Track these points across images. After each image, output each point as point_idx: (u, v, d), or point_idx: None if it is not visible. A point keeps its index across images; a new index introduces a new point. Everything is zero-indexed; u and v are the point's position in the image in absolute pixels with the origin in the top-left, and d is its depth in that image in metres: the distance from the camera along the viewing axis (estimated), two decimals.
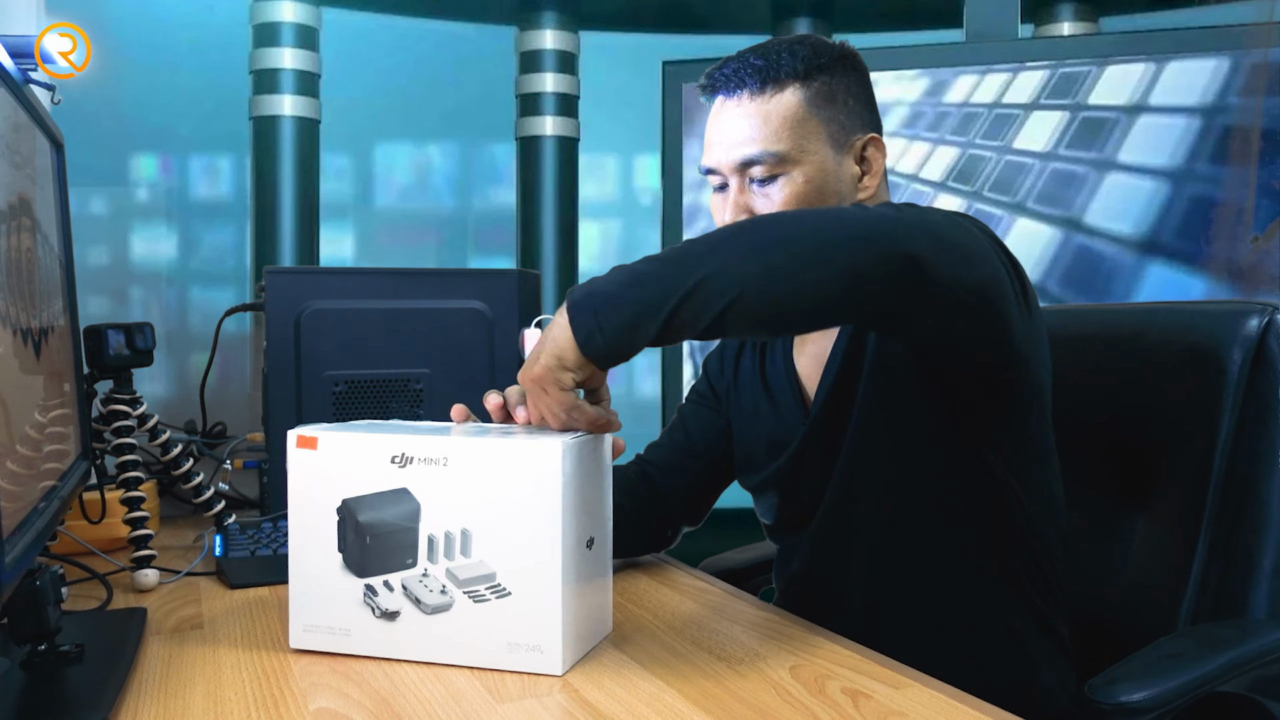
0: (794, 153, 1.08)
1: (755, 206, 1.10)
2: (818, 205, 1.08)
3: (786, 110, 1.09)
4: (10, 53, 0.90)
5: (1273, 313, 1.12)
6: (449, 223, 2.68)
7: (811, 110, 1.09)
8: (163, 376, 2.17)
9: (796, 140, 1.08)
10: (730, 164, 1.11)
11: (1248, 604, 1.10)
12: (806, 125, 1.09)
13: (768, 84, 1.09)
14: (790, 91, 1.09)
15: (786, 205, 1.08)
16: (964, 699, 0.83)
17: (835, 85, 1.11)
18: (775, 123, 1.08)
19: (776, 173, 1.09)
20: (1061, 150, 2.16)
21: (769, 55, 1.09)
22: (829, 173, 1.10)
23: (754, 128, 1.09)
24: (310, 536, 0.93)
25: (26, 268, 0.90)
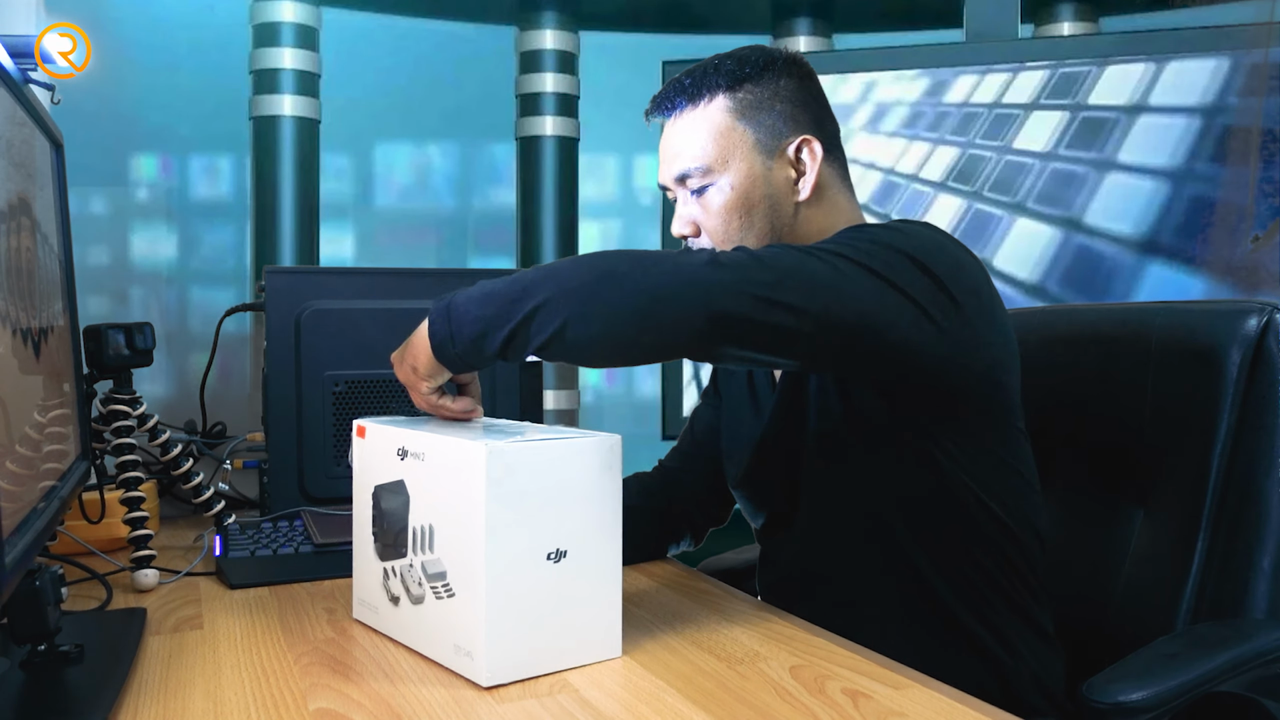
0: (718, 163, 1.13)
1: (695, 216, 1.15)
2: (750, 210, 1.13)
3: (710, 123, 1.13)
4: (10, 53, 0.90)
5: (1272, 312, 1.12)
6: (449, 223, 2.68)
7: (735, 119, 1.13)
8: (163, 376, 2.17)
9: (720, 150, 1.13)
10: (669, 179, 1.16)
11: (1247, 604, 1.10)
12: (731, 135, 1.13)
13: (693, 100, 1.14)
14: (714, 104, 1.13)
15: (719, 213, 1.13)
16: (964, 699, 0.83)
17: (762, 92, 1.13)
18: (700, 136, 1.13)
19: (706, 183, 1.13)
20: (1061, 150, 2.16)
21: (695, 73, 1.15)
22: (756, 179, 1.13)
23: (683, 143, 1.14)
24: (362, 518, 1.01)
25: (26, 268, 0.90)
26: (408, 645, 0.94)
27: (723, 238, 1.14)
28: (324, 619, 1.05)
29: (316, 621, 1.04)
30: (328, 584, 1.19)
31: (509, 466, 0.85)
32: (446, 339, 0.94)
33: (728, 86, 1.13)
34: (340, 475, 1.50)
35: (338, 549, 1.29)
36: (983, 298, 1.05)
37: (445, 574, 0.88)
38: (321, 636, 1.00)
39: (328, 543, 1.30)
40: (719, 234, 1.14)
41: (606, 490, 0.90)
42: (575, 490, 0.89)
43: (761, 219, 1.13)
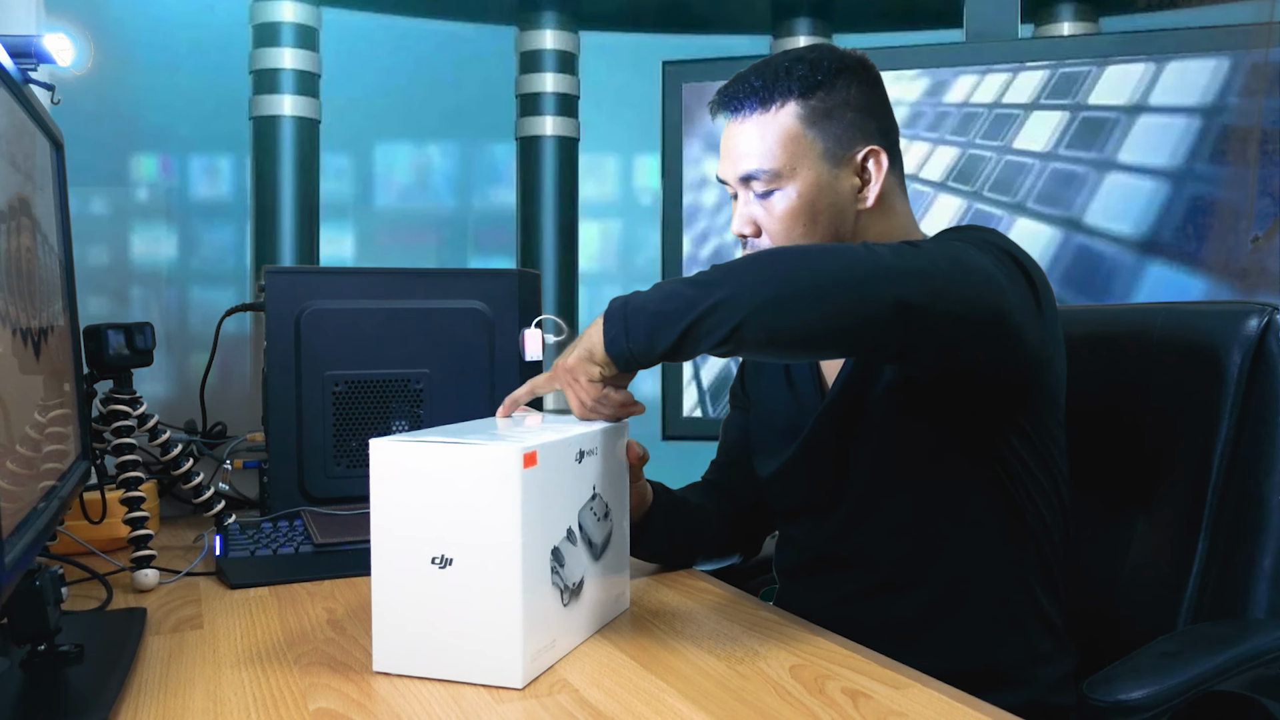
0: (786, 170, 1.13)
1: (757, 217, 1.16)
2: (814, 218, 1.13)
3: (781, 129, 1.13)
4: (10, 53, 0.90)
5: (1272, 313, 1.12)
6: (449, 223, 2.68)
7: (806, 127, 1.13)
8: (163, 376, 2.17)
9: (789, 158, 1.13)
10: (734, 177, 1.16)
11: (1247, 603, 1.10)
12: (800, 142, 1.13)
13: (766, 103, 1.14)
14: (787, 110, 1.13)
15: (784, 218, 1.13)
16: (964, 699, 0.83)
17: (832, 100, 1.14)
18: (770, 141, 1.13)
19: (772, 187, 1.14)
20: (1061, 150, 2.16)
21: (767, 75, 1.14)
22: (823, 188, 1.13)
23: (751, 145, 1.14)
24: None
25: (26, 268, 0.90)
26: None
27: (784, 241, 1.14)
28: (324, 619, 1.05)
29: (316, 621, 1.04)
30: (328, 584, 1.19)
31: (391, 463, 0.87)
32: (620, 334, 0.96)
33: (800, 93, 1.13)
34: (340, 475, 1.50)
35: (338, 549, 1.30)
36: (1052, 299, 1.09)
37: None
38: (321, 636, 1.00)
39: (328, 543, 1.30)
40: (780, 237, 1.14)
41: (504, 502, 0.85)
42: (463, 498, 0.86)
43: (825, 226, 1.14)
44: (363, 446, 1.51)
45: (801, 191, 1.13)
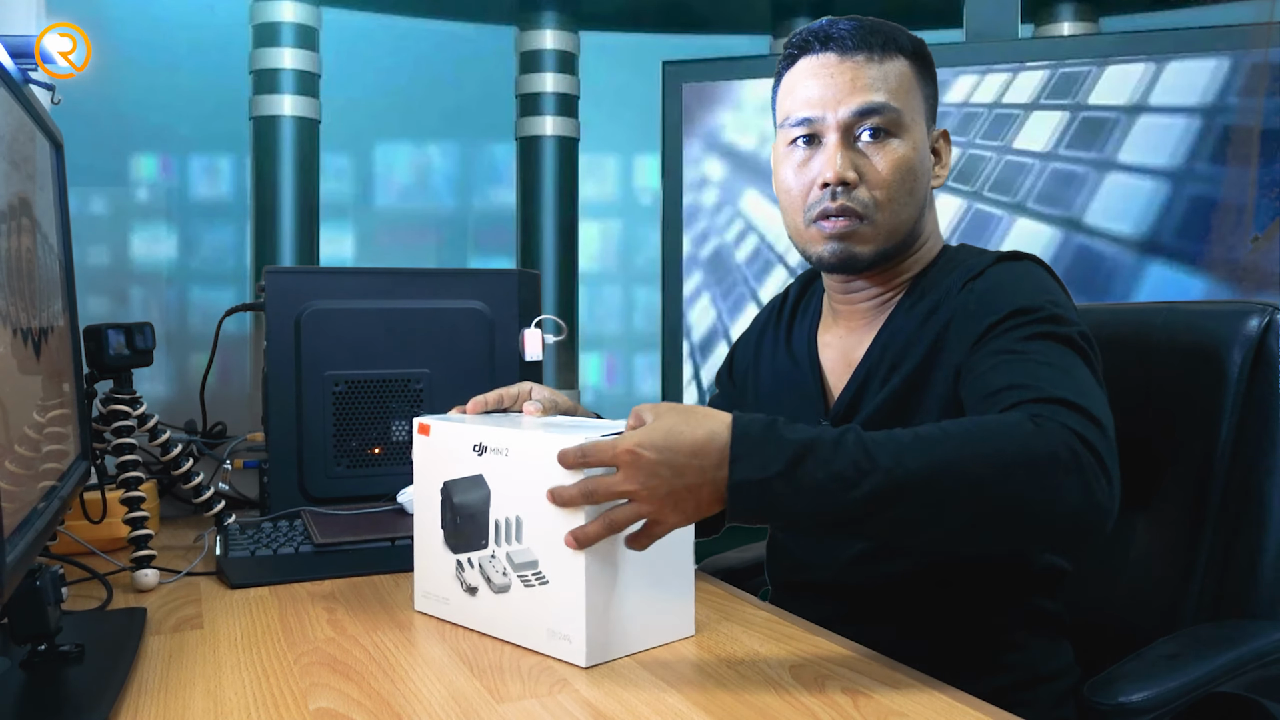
0: (907, 117, 1.08)
1: (861, 164, 1.07)
2: (918, 177, 1.09)
3: (902, 76, 1.09)
4: (10, 53, 0.90)
5: (1273, 313, 1.12)
6: (449, 223, 2.68)
7: (919, 84, 1.11)
8: (163, 376, 2.17)
9: (911, 106, 1.09)
10: (846, 112, 1.07)
11: (1249, 604, 1.10)
12: (915, 97, 1.10)
13: (887, 49, 1.08)
14: (903, 61, 1.09)
15: (900, 167, 1.07)
16: (964, 699, 0.83)
17: (928, 71, 1.12)
18: (894, 83, 1.08)
19: (892, 129, 1.07)
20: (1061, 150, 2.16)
21: (882, 25, 1.10)
22: (923, 151, 1.11)
23: (876, 81, 1.07)
24: (426, 513, 1.04)
25: (26, 268, 0.90)
26: (487, 633, 0.98)
27: (888, 196, 1.07)
28: (324, 619, 1.05)
29: (316, 621, 1.04)
30: (328, 584, 1.19)
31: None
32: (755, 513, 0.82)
33: (912, 51, 1.10)
34: (340, 475, 1.50)
35: (338, 549, 1.29)
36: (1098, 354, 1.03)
37: (536, 563, 0.92)
38: (321, 636, 1.00)
39: (328, 543, 1.30)
40: (888, 189, 1.07)
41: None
42: None
43: (921, 190, 1.10)
44: (363, 446, 1.51)
45: (915, 146, 1.08)
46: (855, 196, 1.07)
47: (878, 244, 1.09)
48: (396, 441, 1.53)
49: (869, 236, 1.08)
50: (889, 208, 1.08)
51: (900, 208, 1.08)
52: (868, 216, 1.08)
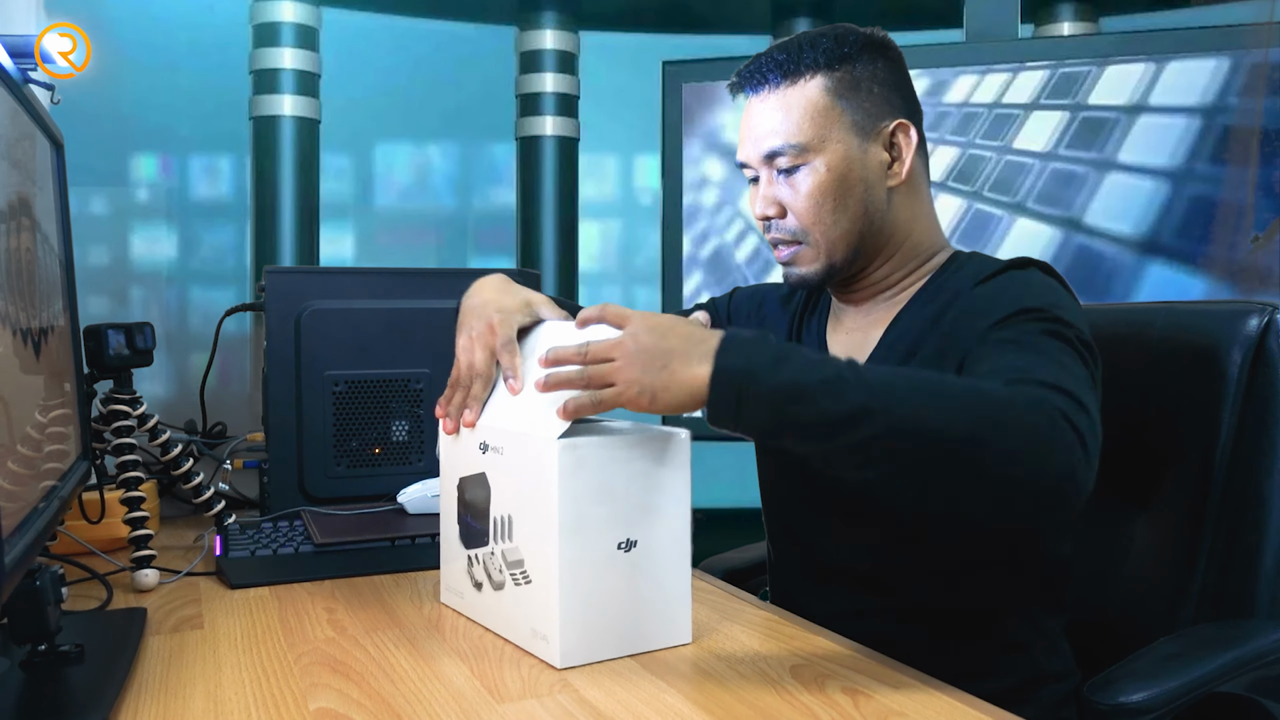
0: (815, 142, 1.09)
1: (782, 197, 1.12)
2: (841, 194, 1.10)
3: (808, 101, 1.10)
4: (10, 53, 0.90)
5: (1273, 312, 1.12)
6: (449, 223, 2.68)
7: (834, 99, 1.10)
8: (163, 376, 2.17)
9: (818, 130, 1.09)
10: (757, 156, 1.12)
11: (1249, 604, 1.10)
12: (829, 115, 1.10)
13: (789, 77, 1.10)
14: (813, 83, 1.10)
15: (812, 194, 1.10)
16: (964, 698, 0.83)
17: (859, 73, 1.11)
18: (796, 114, 1.10)
19: (799, 163, 1.10)
20: (1061, 150, 2.16)
21: (791, 49, 1.11)
22: (853, 161, 1.10)
23: (777, 120, 1.10)
24: (448, 509, 1.06)
25: (26, 268, 0.90)
26: (490, 629, 0.99)
27: (813, 220, 1.11)
28: (324, 619, 1.05)
29: (316, 621, 1.04)
30: (328, 584, 1.19)
31: (580, 460, 0.88)
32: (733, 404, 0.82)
33: (826, 65, 1.10)
34: (340, 475, 1.50)
35: (338, 549, 1.29)
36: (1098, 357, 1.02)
37: (523, 561, 0.93)
38: (321, 636, 1.00)
39: (328, 543, 1.30)
40: (809, 216, 1.11)
41: (676, 483, 0.93)
42: (645, 482, 0.91)
43: (855, 203, 1.10)
44: (363, 446, 1.51)
45: (831, 165, 1.09)
46: (783, 226, 1.12)
47: (820, 262, 1.12)
48: (396, 441, 1.53)
49: (809, 258, 1.12)
50: (818, 228, 1.11)
51: (830, 226, 1.10)
52: (801, 240, 1.12)
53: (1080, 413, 0.84)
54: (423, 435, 1.53)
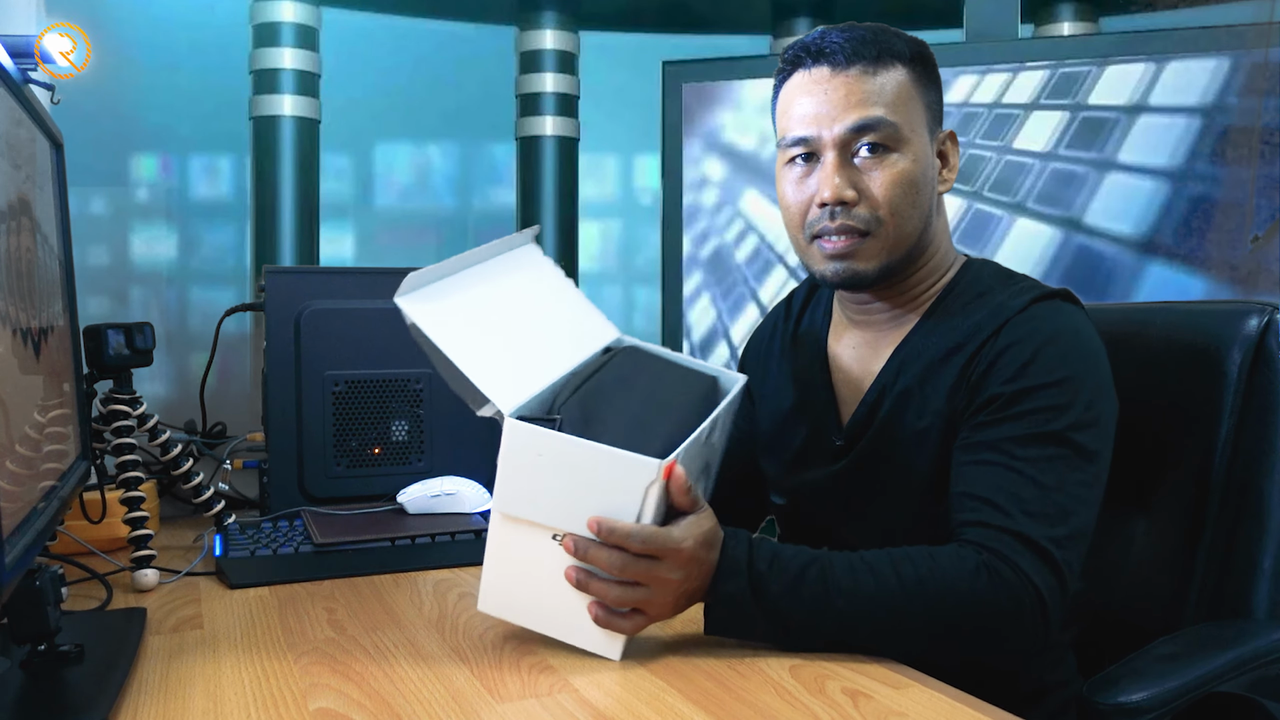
0: (906, 130, 1.05)
1: (859, 181, 1.05)
2: (920, 189, 1.06)
3: (899, 86, 1.06)
4: (10, 53, 0.90)
5: (1273, 312, 1.12)
6: (449, 223, 2.68)
7: (917, 92, 1.07)
8: (163, 376, 2.17)
9: (909, 118, 1.06)
10: (840, 131, 1.05)
11: (1248, 604, 1.09)
12: (913, 106, 1.07)
13: (880, 58, 1.05)
14: (900, 71, 1.06)
15: (901, 183, 1.05)
16: (964, 699, 0.83)
17: (929, 75, 1.09)
18: (889, 94, 1.05)
19: (888, 144, 1.05)
20: (1061, 150, 2.16)
21: (878, 33, 1.07)
22: (926, 161, 1.08)
23: (871, 96, 1.04)
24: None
25: (26, 268, 0.90)
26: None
27: (890, 210, 1.05)
28: (324, 619, 1.05)
29: (316, 621, 1.04)
30: (328, 584, 1.19)
31: (526, 445, 0.89)
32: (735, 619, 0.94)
33: (908, 57, 1.07)
34: (340, 475, 1.50)
35: (338, 549, 1.29)
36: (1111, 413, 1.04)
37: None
38: (321, 636, 1.00)
39: (328, 543, 1.30)
40: (889, 205, 1.05)
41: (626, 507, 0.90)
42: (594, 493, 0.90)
43: (924, 202, 1.07)
44: (363, 446, 1.51)
45: (916, 158, 1.05)
46: (855, 214, 1.06)
47: (881, 259, 1.07)
48: (396, 441, 1.53)
49: (873, 252, 1.07)
50: (891, 222, 1.06)
51: (904, 221, 1.06)
52: (870, 231, 1.06)
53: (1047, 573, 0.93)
54: (423, 435, 1.53)
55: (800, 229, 1.10)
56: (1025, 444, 0.98)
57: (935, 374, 1.06)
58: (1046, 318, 1.04)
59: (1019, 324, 1.03)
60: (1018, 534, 0.94)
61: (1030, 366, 1.00)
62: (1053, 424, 0.98)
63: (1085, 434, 0.99)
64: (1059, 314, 1.05)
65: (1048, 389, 0.99)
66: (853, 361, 1.16)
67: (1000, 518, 0.95)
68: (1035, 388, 0.99)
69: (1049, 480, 0.96)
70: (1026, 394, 0.99)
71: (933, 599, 0.92)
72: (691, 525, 0.91)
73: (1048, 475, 0.97)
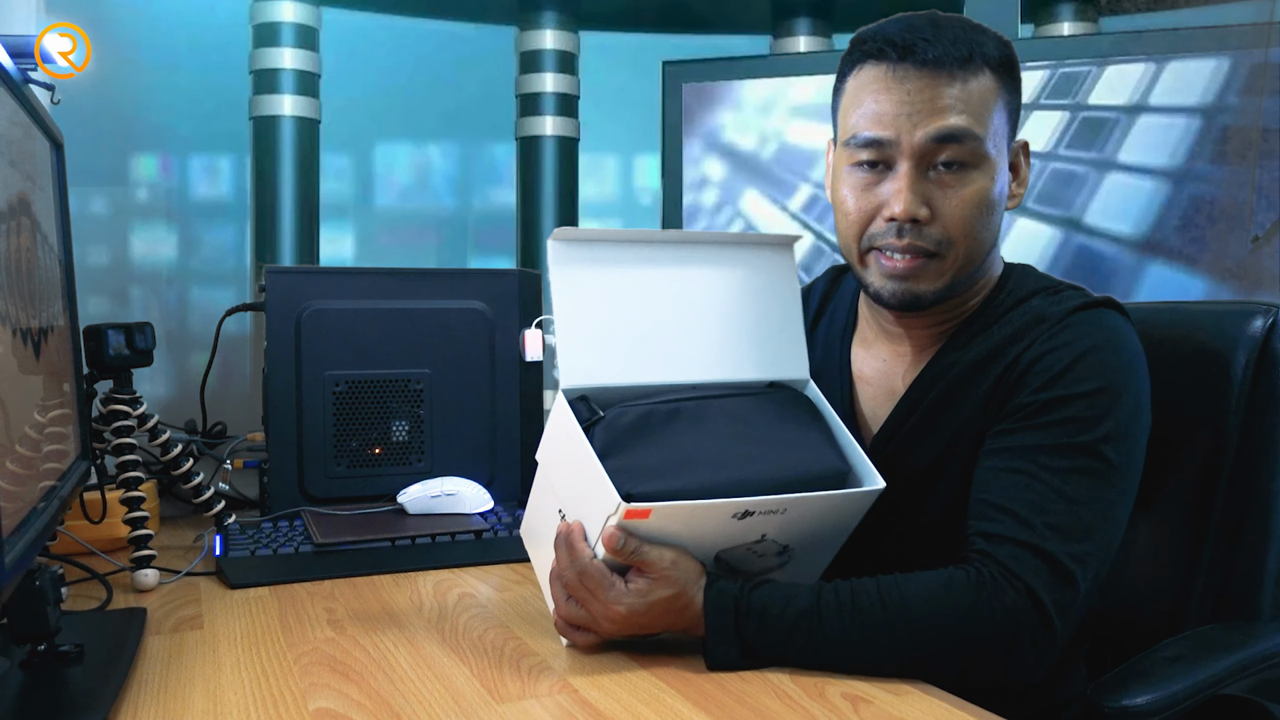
0: (990, 144, 0.97)
1: (934, 198, 0.97)
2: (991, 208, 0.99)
3: (986, 94, 0.97)
4: (10, 53, 0.90)
5: (1277, 313, 1.12)
6: (449, 223, 2.67)
7: (1001, 101, 0.99)
8: (163, 376, 2.16)
9: (993, 130, 0.97)
10: (921, 138, 0.96)
11: (1253, 606, 1.09)
12: (999, 117, 0.98)
13: (972, 62, 0.96)
14: (987, 77, 0.97)
15: (976, 203, 0.97)
16: (962, 705, 0.83)
17: (1015, 80, 1.01)
18: (976, 103, 0.96)
19: (969, 160, 0.96)
20: (1061, 150, 2.16)
21: (969, 31, 0.98)
22: (1003, 177, 1.01)
23: (958, 102, 0.95)
24: None
25: (26, 268, 0.89)
26: None
27: (963, 231, 0.97)
28: (324, 619, 1.05)
29: (316, 621, 1.04)
30: (328, 584, 1.19)
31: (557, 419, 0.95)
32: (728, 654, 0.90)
33: (997, 62, 0.97)
34: (340, 475, 1.50)
35: (338, 549, 1.29)
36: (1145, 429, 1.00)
37: None
38: (321, 636, 0.99)
39: (328, 543, 1.29)
40: (961, 226, 0.97)
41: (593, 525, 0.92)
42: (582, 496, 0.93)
43: (995, 222, 1.00)
44: (363, 446, 1.51)
45: (993, 176, 0.97)
46: (925, 234, 0.98)
47: (944, 281, 1.00)
48: (396, 441, 1.52)
49: (937, 274, 1.00)
50: (962, 245, 0.98)
51: (975, 245, 0.99)
52: (939, 254, 0.99)
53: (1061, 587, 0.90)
54: (423, 435, 1.53)
55: (858, 238, 1.02)
56: (1053, 454, 0.94)
57: (968, 384, 1.02)
58: (1088, 326, 0.99)
59: (1057, 331, 0.99)
60: (1037, 548, 0.90)
61: (1066, 375, 0.96)
62: (1084, 435, 0.94)
63: (1117, 448, 0.95)
64: (1101, 322, 0.99)
65: (1082, 399, 0.95)
66: (881, 377, 1.11)
67: (1021, 530, 0.91)
68: (1070, 397, 0.95)
69: (1075, 494, 0.92)
70: (1059, 403, 0.95)
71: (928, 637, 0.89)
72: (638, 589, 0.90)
73: (1074, 488, 0.93)
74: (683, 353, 0.99)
